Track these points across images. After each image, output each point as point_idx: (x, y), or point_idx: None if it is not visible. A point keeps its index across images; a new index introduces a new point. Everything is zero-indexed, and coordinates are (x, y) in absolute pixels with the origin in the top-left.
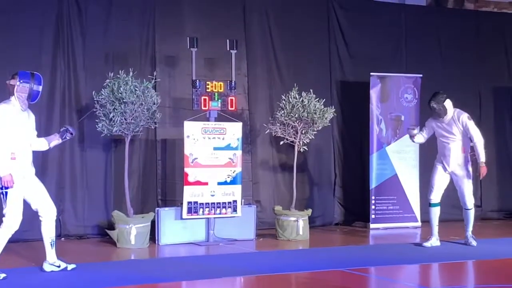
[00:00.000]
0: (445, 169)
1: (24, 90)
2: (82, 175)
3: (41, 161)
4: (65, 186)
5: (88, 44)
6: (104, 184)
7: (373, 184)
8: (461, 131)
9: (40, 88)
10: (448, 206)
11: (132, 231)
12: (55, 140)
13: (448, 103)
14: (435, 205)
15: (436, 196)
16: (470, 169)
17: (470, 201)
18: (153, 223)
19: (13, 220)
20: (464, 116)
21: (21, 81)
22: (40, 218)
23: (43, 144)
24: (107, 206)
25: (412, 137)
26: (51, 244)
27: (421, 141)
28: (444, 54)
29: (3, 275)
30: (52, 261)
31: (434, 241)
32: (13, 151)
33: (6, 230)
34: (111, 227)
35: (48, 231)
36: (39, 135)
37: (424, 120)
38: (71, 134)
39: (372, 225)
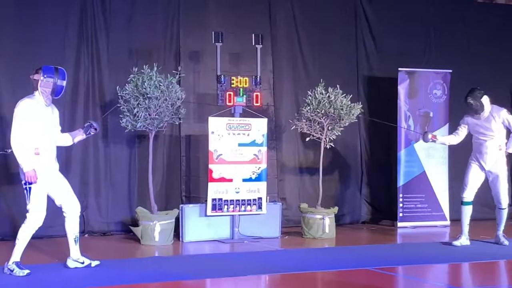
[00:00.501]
0: (481, 167)
1: (48, 85)
2: (106, 171)
3: (64, 156)
4: (89, 182)
5: (112, 39)
6: (128, 180)
7: (401, 181)
8: (499, 128)
9: (64, 83)
10: (478, 205)
11: (156, 228)
12: (79, 136)
13: (485, 99)
14: (467, 203)
15: (469, 194)
16: (507, 167)
17: (505, 200)
18: (177, 220)
19: (37, 216)
20: (504, 112)
21: (45, 75)
22: (64, 214)
23: (67, 140)
24: (131, 202)
25: (427, 141)
26: (75, 241)
27: (453, 141)
28: (474, 50)
29: (27, 271)
30: (76, 258)
31: (464, 240)
32: (36, 147)
33: (30, 226)
34: (135, 223)
35: (72, 227)
36: (62, 131)
37: (454, 117)
38: (95, 129)
39: (399, 224)
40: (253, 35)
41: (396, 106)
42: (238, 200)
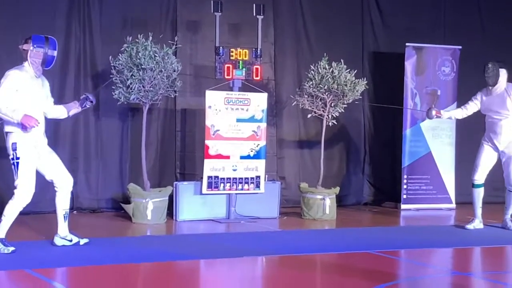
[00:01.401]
0: (495, 148)
1: (38, 55)
2: (96, 145)
3: (53, 129)
4: (79, 157)
5: (105, 6)
6: (119, 155)
7: (405, 162)
8: None
9: (55, 53)
10: (490, 189)
11: (148, 205)
12: (74, 109)
13: (503, 73)
14: (478, 185)
15: (480, 176)
16: None
17: None
18: (171, 198)
19: (25, 192)
20: None
21: (35, 45)
22: (56, 188)
23: (61, 112)
24: (123, 178)
25: (431, 117)
26: (64, 217)
27: (459, 115)
28: (485, 26)
29: (12, 248)
30: (63, 235)
31: (477, 224)
32: None
33: (18, 203)
34: (127, 201)
35: (63, 202)
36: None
37: (462, 95)
38: (91, 102)
39: (403, 206)
40: (254, 5)
41: (403, 83)
42: (235, 178)
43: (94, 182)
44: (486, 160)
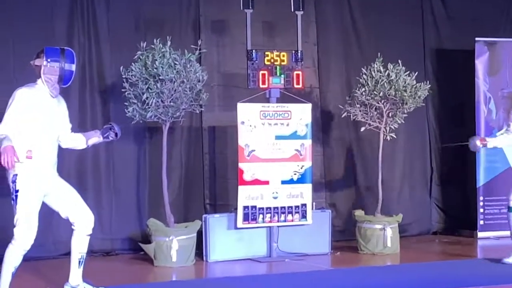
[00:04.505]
0: None
1: (53, 71)
2: (108, 173)
3: (57, 155)
4: (88, 188)
5: (113, 6)
6: (136, 185)
7: (480, 181)
8: None
9: (73, 67)
10: None
11: (173, 244)
12: (95, 137)
13: None
14: None
15: None
16: None
17: None
18: (199, 235)
19: (24, 233)
20: None
21: (49, 59)
22: (73, 227)
23: (79, 141)
24: (141, 213)
25: (476, 149)
26: (79, 262)
27: (510, 141)
28: None
29: None
30: (75, 284)
31: None
32: (29, 148)
33: (18, 244)
34: (146, 240)
35: (80, 244)
36: None
37: None
38: (116, 135)
39: (480, 234)
40: None
41: (474, 85)
42: (277, 208)
43: (106, 218)
44: None
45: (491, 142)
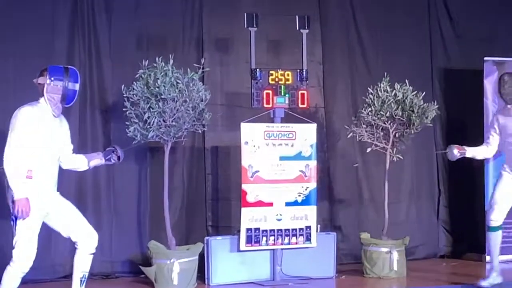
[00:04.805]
0: None
1: (57, 90)
2: (108, 194)
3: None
4: (87, 209)
5: (114, 23)
6: (137, 207)
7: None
8: None
9: (77, 86)
10: None
11: (174, 267)
12: (97, 159)
13: None
14: (494, 229)
15: (498, 216)
16: None
17: None
18: (201, 257)
19: (24, 255)
20: None
21: (52, 78)
22: (76, 246)
23: (81, 163)
24: (142, 235)
25: (454, 158)
26: (81, 281)
27: (486, 153)
28: None
29: None
30: None
31: (495, 278)
32: (30, 168)
33: (16, 268)
34: (147, 262)
35: (83, 263)
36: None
37: None
38: (118, 158)
39: (489, 258)
40: (296, 16)
41: (482, 106)
42: (280, 230)
43: (106, 240)
44: (506, 196)
45: (469, 151)
